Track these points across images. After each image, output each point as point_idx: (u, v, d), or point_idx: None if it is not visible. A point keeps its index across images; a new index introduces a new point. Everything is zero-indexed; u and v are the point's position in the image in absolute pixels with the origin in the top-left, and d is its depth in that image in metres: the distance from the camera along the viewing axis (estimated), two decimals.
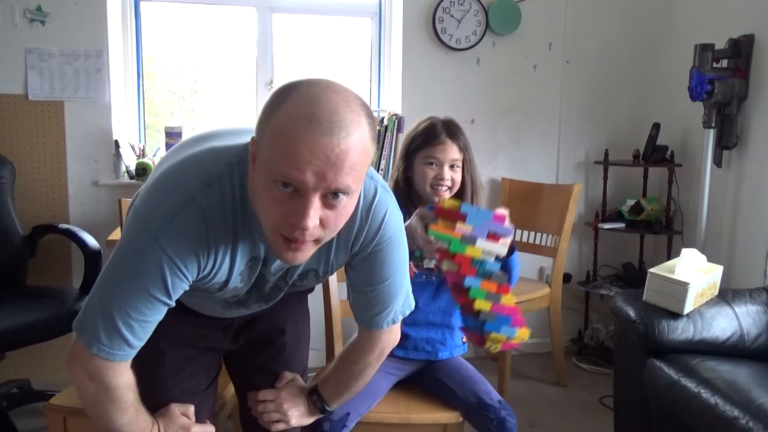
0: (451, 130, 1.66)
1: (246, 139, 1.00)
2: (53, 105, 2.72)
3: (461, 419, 1.64)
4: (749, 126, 2.60)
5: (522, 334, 1.33)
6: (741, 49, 2.56)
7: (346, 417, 1.52)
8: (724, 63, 2.62)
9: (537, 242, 2.99)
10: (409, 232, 1.35)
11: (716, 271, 2.04)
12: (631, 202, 3.02)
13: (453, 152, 1.63)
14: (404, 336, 1.58)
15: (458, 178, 1.65)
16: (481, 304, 1.30)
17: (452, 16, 2.98)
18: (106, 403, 1.08)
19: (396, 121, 2.93)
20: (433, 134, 1.66)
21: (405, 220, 1.43)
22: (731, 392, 1.64)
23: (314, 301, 1.94)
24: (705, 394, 1.67)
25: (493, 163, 3.16)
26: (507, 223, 1.36)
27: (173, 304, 1.03)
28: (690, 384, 1.73)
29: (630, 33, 3.18)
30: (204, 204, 0.97)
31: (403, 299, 1.24)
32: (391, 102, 3.14)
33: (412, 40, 3.01)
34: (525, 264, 3.12)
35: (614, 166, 3.10)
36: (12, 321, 2.12)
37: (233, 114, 3.20)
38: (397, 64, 3.09)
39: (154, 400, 1.20)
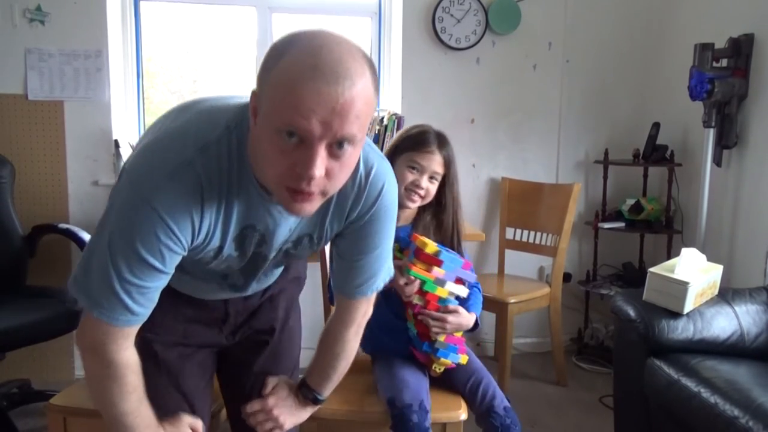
0: (441, 142, 1.69)
1: (238, 102, 1.01)
2: (53, 105, 2.72)
3: (461, 419, 1.64)
4: (749, 125, 2.60)
5: (462, 359, 1.68)
6: (741, 48, 2.56)
7: (422, 402, 1.56)
8: (724, 62, 2.62)
9: (537, 242, 3.00)
10: (396, 287, 1.54)
11: (716, 271, 2.04)
12: (631, 202, 3.02)
13: (436, 164, 1.66)
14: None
15: (433, 190, 1.67)
16: (439, 337, 1.62)
17: (452, 15, 2.98)
18: (107, 382, 1.07)
19: (396, 121, 2.93)
20: (424, 141, 1.67)
21: None
22: (731, 391, 1.64)
23: (314, 301, 1.96)
24: (705, 393, 1.67)
25: (492, 162, 3.17)
26: (471, 270, 1.63)
27: (168, 271, 1.02)
28: (690, 383, 1.73)
29: (630, 32, 3.17)
30: (201, 168, 0.96)
31: (387, 267, 1.24)
32: (390, 101, 3.14)
33: (411, 39, 3.01)
34: (525, 263, 3.14)
35: (614, 166, 3.10)
36: (12, 321, 2.12)
37: None
38: (396, 63, 3.09)
39: (152, 402, 1.18)
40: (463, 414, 1.64)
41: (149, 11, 2.98)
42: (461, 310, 1.63)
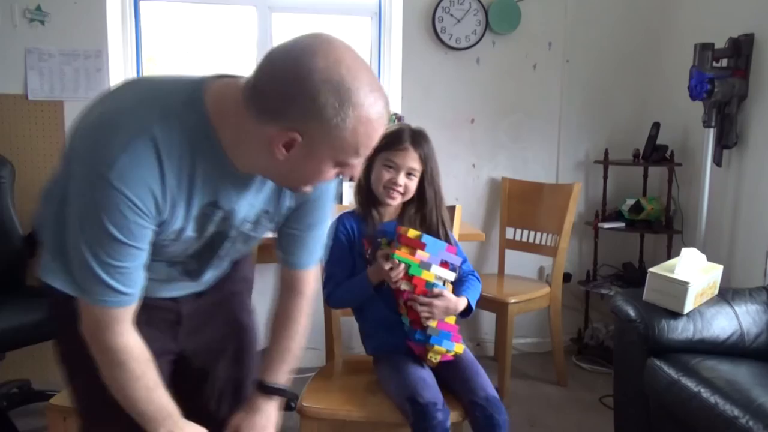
0: (416, 138, 1.71)
1: (188, 80, 1.04)
2: (53, 105, 2.72)
3: (462, 419, 1.64)
4: (749, 125, 2.60)
5: (458, 348, 1.68)
6: (741, 48, 2.56)
7: (444, 401, 1.58)
8: (724, 62, 2.62)
9: (537, 242, 3.00)
10: (378, 270, 1.62)
11: (716, 271, 2.04)
12: (631, 202, 3.02)
13: (412, 161, 1.68)
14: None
15: (413, 186, 1.71)
16: (430, 322, 1.64)
17: (452, 15, 2.98)
18: (113, 370, 1.07)
19: (396, 121, 2.93)
20: (397, 139, 1.69)
21: (363, 221, 1.75)
22: (731, 391, 1.64)
23: (314, 300, 1.94)
24: (705, 393, 1.67)
25: (493, 162, 3.17)
26: (456, 254, 1.68)
27: (144, 248, 1.01)
28: (690, 383, 1.73)
29: (630, 32, 3.17)
30: (159, 138, 0.96)
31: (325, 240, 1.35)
32: (390, 101, 3.13)
33: (411, 39, 3.01)
34: (525, 263, 3.14)
35: (614, 166, 3.10)
36: (12, 321, 2.12)
37: None
38: (396, 63, 3.09)
39: (102, 417, 1.15)
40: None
41: (149, 11, 2.98)
42: (447, 293, 1.65)
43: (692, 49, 2.58)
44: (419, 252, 1.60)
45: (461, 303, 1.68)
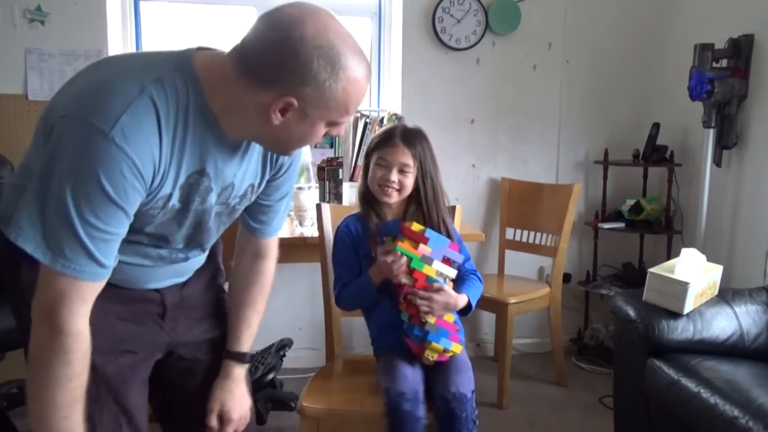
0: (407, 136, 1.73)
1: (170, 51, 1.07)
2: None
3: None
4: (749, 126, 2.60)
5: (455, 348, 1.66)
6: (741, 48, 2.56)
7: (417, 392, 1.58)
8: (724, 63, 2.62)
9: (537, 242, 3.00)
10: (384, 267, 1.63)
11: (716, 271, 2.04)
12: (630, 202, 3.02)
13: (403, 157, 1.71)
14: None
15: (408, 182, 1.72)
16: (429, 318, 1.63)
17: (452, 15, 2.98)
18: (54, 356, 0.98)
19: (396, 121, 2.93)
20: (388, 137, 1.73)
21: (366, 226, 1.77)
22: (731, 392, 1.64)
23: (314, 301, 1.95)
24: (705, 393, 1.67)
25: (492, 162, 3.17)
26: (459, 251, 1.70)
27: (130, 215, 1.00)
28: (690, 384, 1.73)
29: (630, 32, 3.18)
30: (156, 99, 0.97)
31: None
32: (390, 102, 3.14)
33: (411, 39, 3.01)
34: (525, 264, 3.14)
35: (614, 166, 3.10)
36: (12, 321, 2.12)
37: None
38: (396, 63, 3.09)
39: (87, 417, 1.09)
40: None
41: (149, 11, 2.98)
42: (447, 288, 1.66)
43: (692, 49, 2.58)
44: (422, 246, 1.62)
45: (461, 300, 1.68)
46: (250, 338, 1.38)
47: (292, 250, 2.26)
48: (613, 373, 2.14)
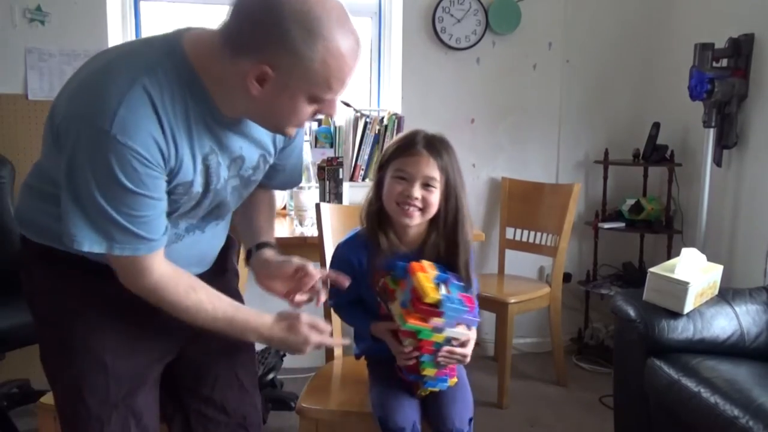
0: (432, 144, 1.45)
1: (160, 38, 1.08)
2: None
3: None
4: (749, 125, 2.60)
5: (451, 383, 1.50)
6: (741, 48, 2.56)
7: (414, 424, 1.45)
8: (724, 62, 2.62)
9: (537, 242, 2.99)
10: (384, 336, 1.45)
11: (716, 271, 2.04)
12: (631, 202, 3.02)
13: (428, 168, 1.42)
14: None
15: (433, 200, 1.43)
16: (429, 372, 1.43)
17: (452, 15, 2.98)
18: (174, 299, 1.11)
19: (396, 121, 2.93)
20: (409, 144, 1.44)
21: (373, 249, 1.48)
22: (731, 391, 1.64)
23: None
24: (705, 393, 1.67)
25: (493, 162, 3.16)
26: (475, 311, 1.39)
27: (160, 197, 1.05)
28: (690, 383, 1.73)
29: (630, 32, 3.17)
30: (150, 88, 0.99)
31: None
32: (390, 102, 3.14)
33: (411, 39, 3.01)
34: (525, 263, 3.14)
35: (614, 166, 3.10)
36: (12, 321, 2.12)
37: None
38: (396, 63, 3.09)
39: (94, 417, 1.14)
40: None
41: (149, 11, 2.98)
42: (470, 343, 1.39)
43: (692, 48, 2.58)
44: (434, 319, 1.34)
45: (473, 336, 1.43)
46: (271, 236, 1.40)
47: (292, 249, 2.24)
48: (614, 372, 2.14)
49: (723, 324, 1.94)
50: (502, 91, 3.11)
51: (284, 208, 2.66)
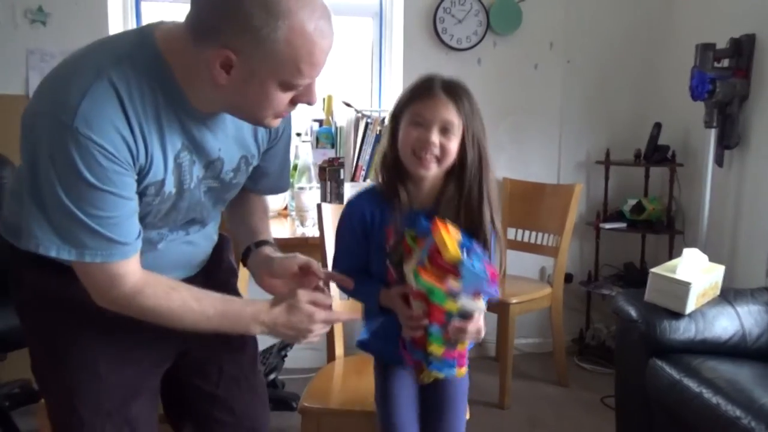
0: (451, 87, 1.34)
1: (131, 31, 1.07)
2: None
3: None
4: (751, 125, 2.60)
5: (459, 373, 1.36)
6: (742, 48, 2.56)
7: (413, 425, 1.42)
8: (726, 62, 2.62)
9: (538, 242, 2.99)
10: (393, 303, 1.31)
11: (718, 271, 2.04)
12: (632, 202, 3.02)
13: (447, 112, 1.31)
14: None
15: (452, 147, 1.32)
16: (436, 349, 1.29)
17: (453, 15, 2.98)
18: (146, 310, 1.04)
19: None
20: (425, 88, 1.34)
21: (388, 213, 1.36)
22: (733, 392, 1.64)
23: None
24: (707, 393, 1.67)
25: (494, 162, 3.15)
26: (496, 284, 1.24)
27: (130, 196, 0.98)
28: (692, 384, 1.73)
29: (631, 32, 3.17)
30: (115, 78, 0.94)
31: None
32: (391, 102, 3.12)
33: (413, 40, 3.01)
34: (527, 264, 3.14)
35: (615, 166, 3.10)
36: (13, 321, 2.09)
37: None
38: (398, 63, 3.09)
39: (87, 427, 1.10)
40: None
41: (150, 11, 2.98)
42: (479, 314, 1.26)
43: (693, 49, 2.58)
44: (451, 281, 1.21)
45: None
46: (265, 231, 1.36)
47: (293, 250, 2.23)
48: (615, 373, 2.13)
49: (725, 324, 1.94)
50: (504, 91, 3.11)
51: (285, 208, 2.66)
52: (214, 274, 1.31)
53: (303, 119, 2.94)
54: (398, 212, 1.35)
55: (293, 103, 1.02)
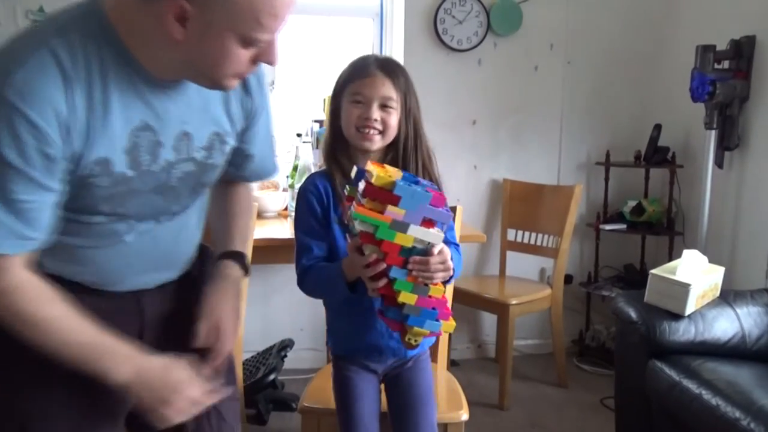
0: (386, 65, 1.42)
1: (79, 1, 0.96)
2: None
3: (462, 419, 1.64)
4: (751, 127, 2.60)
5: (447, 327, 1.27)
6: (742, 50, 2.56)
7: None
8: (726, 64, 2.62)
9: (538, 243, 3.00)
10: (352, 262, 1.25)
11: (717, 273, 2.04)
12: (632, 203, 3.02)
13: (385, 88, 1.37)
14: (373, 348, 1.46)
15: (392, 120, 1.39)
16: (406, 297, 1.21)
17: (453, 16, 2.98)
18: (27, 309, 0.92)
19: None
20: (362, 66, 1.40)
21: (328, 190, 1.40)
22: (733, 393, 1.64)
23: (315, 302, 1.95)
24: (706, 395, 1.67)
25: (494, 163, 3.16)
26: (445, 206, 1.18)
27: (52, 186, 0.89)
28: (691, 385, 1.73)
29: (631, 34, 3.17)
30: (58, 48, 0.86)
31: None
32: None
33: (413, 41, 3.01)
34: (526, 265, 3.14)
35: (615, 167, 3.10)
36: None
37: None
38: None
39: None
40: (464, 414, 1.64)
41: None
42: (445, 247, 1.22)
43: (694, 50, 2.58)
44: (390, 208, 1.14)
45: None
46: (242, 242, 1.23)
47: (293, 250, 2.26)
48: (615, 374, 2.14)
49: (724, 326, 1.94)
50: (504, 92, 3.11)
51: (285, 209, 2.67)
52: (195, 283, 1.17)
53: (303, 120, 2.95)
54: (341, 183, 1.38)
55: (254, 62, 0.94)
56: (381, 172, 1.16)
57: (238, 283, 1.18)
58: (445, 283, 1.28)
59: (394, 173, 1.19)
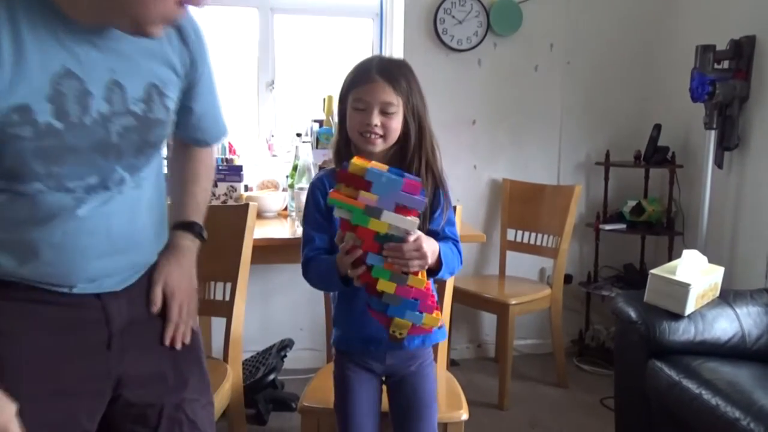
0: (386, 69, 1.42)
1: None
2: None
3: (462, 419, 1.64)
4: (750, 127, 2.60)
5: (431, 321, 1.24)
6: (742, 50, 2.56)
7: None
8: (726, 64, 2.62)
9: (538, 243, 3.00)
10: (340, 258, 1.27)
11: (717, 272, 2.04)
12: (632, 203, 3.02)
13: (385, 94, 1.39)
14: (372, 338, 1.45)
15: (393, 125, 1.40)
16: (384, 286, 1.21)
17: (453, 16, 2.98)
18: None
19: None
20: (363, 72, 1.41)
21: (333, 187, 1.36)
22: (732, 393, 1.64)
23: (315, 301, 1.94)
24: (706, 395, 1.67)
25: (494, 163, 3.17)
26: (419, 194, 1.18)
27: None
28: (691, 385, 1.73)
29: (631, 34, 3.18)
30: None
31: None
32: None
33: (413, 41, 3.01)
34: (526, 265, 3.14)
35: (615, 167, 3.10)
36: None
37: (234, 115, 3.20)
38: None
39: None
40: (464, 414, 1.64)
41: None
42: (423, 236, 1.23)
43: (693, 50, 2.58)
44: (363, 194, 1.16)
45: (435, 247, 1.29)
46: (196, 210, 1.21)
47: (293, 250, 2.25)
48: (614, 374, 2.14)
49: (724, 326, 1.94)
50: (504, 92, 3.11)
51: (285, 209, 2.67)
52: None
53: (303, 120, 2.95)
54: None
55: (180, 3, 0.90)
56: (359, 162, 1.18)
57: (191, 252, 1.17)
58: (431, 275, 1.30)
59: (378, 166, 1.20)
